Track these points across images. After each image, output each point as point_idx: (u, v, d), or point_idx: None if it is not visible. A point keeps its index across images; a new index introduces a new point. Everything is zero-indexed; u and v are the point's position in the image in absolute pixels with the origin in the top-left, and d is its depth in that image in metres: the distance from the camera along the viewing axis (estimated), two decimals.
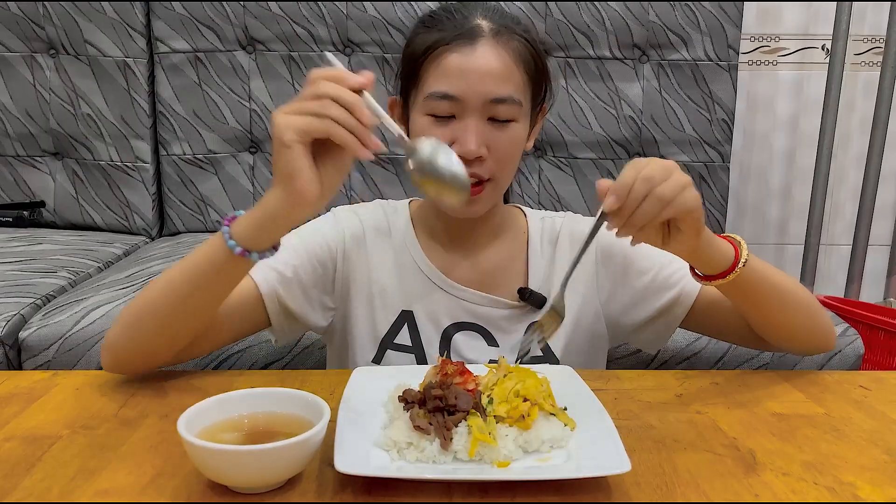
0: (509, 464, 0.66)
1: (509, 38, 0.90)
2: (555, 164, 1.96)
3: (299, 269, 0.94)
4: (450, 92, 0.88)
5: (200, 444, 0.60)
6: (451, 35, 0.89)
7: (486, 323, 0.98)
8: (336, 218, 1.01)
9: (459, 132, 0.88)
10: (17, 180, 1.96)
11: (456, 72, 0.88)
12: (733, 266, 0.82)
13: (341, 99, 0.68)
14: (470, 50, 0.88)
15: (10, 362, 1.26)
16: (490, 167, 0.90)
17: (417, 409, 0.69)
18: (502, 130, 0.90)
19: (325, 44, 1.91)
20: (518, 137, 0.92)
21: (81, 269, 1.59)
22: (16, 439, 0.71)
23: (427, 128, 0.90)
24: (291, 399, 0.68)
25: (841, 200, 2.27)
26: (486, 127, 0.89)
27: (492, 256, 1.01)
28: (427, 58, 0.90)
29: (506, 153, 0.91)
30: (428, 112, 0.90)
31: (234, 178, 1.95)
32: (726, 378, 0.90)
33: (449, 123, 0.89)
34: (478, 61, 0.88)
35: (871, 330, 1.78)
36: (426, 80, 0.90)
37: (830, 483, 0.65)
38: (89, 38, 1.89)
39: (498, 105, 0.88)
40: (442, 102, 0.88)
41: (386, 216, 1.03)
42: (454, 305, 0.98)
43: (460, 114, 0.89)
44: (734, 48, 1.94)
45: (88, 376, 0.86)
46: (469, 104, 0.88)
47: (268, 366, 1.28)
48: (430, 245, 1.01)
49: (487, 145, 0.89)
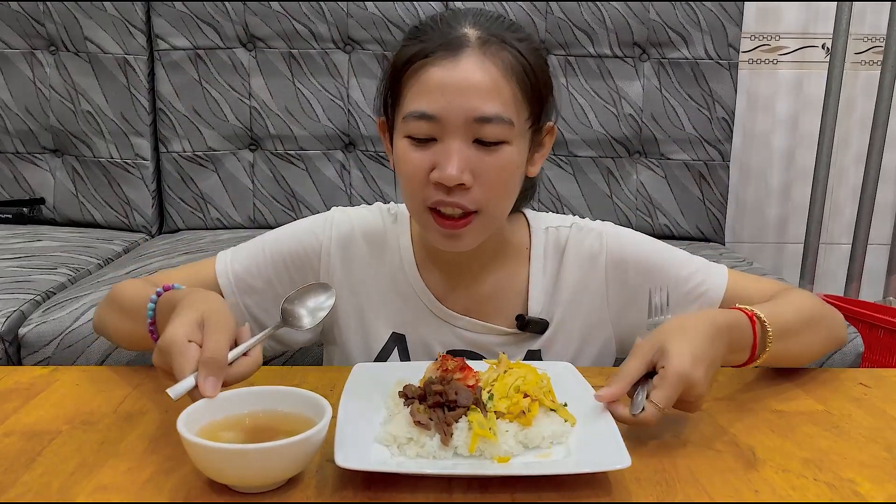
0: (509, 459, 0.66)
1: (499, 49, 0.80)
2: (555, 163, 1.96)
3: (273, 277, 0.93)
4: (428, 111, 0.78)
5: (199, 443, 0.59)
6: (432, 46, 0.79)
7: (481, 350, 0.94)
8: (327, 221, 0.96)
9: (440, 156, 0.79)
10: (16, 177, 1.96)
11: (435, 88, 0.78)
12: (753, 352, 0.81)
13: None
14: (452, 63, 0.78)
15: (9, 358, 1.27)
16: (476, 197, 0.81)
17: (418, 405, 0.69)
18: (490, 154, 0.80)
19: (325, 41, 1.90)
20: (510, 162, 0.81)
21: (81, 265, 1.59)
22: (15, 434, 0.71)
23: (406, 151, 0.81)
24: (293, 397, 0.67)
25: (841, 199, 2.27)
26: (471, 150, 0.80)
27: (490, 281, 0.95)
28: (406, 72, 0.81)
29: (495, 180, 0.81)
30: (407, 134, 0.81)
31: (233, 176, 1.95)
32: (726, 375, 0.90)
33: (429, 147, 0.80)
34: (460, 75, 0.78)
35: (870, 329, 1.78)
36: (405, 97, 0.81)
37: (830, 479, 0.65)
38: (89, 35, 1.88)
39: (484, 125, 0.78)
40: (420, 123, 0.79)
41: (384, 224, 0.97)
42: (448, 333, 0.94)
43: (441, 135, 0.79)
44: (734, 47, 1.94)
45: (88, 372, 0.86)
46: (450, 124, 0.78)
47: (267, 363, 1.28)
48: (427, 266, 0.95)
49: (473, 171, 0.79)
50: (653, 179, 1.98)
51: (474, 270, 0.95)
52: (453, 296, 0.95)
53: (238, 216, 1.96)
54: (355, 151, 1.95)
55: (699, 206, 1.99)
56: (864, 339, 1.37)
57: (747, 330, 0.80)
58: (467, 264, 0.94)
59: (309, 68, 1.91)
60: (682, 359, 0.70)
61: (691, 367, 0.70)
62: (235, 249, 0.96)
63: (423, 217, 0.85)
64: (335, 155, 1.95)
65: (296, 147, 1.94)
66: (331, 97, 1.92)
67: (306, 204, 1.95)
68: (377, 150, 1.95)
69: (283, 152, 1.94)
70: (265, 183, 1.95)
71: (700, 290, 0.93)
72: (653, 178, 1.98)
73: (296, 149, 1.94)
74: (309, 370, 0.89)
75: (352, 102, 1.92)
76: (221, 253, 0.95)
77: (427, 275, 0.95)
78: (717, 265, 0.96)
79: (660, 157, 1.97)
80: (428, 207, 0.83)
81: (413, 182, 0.82)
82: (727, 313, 0.80)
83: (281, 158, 1.94)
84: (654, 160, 1.98)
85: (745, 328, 0.80)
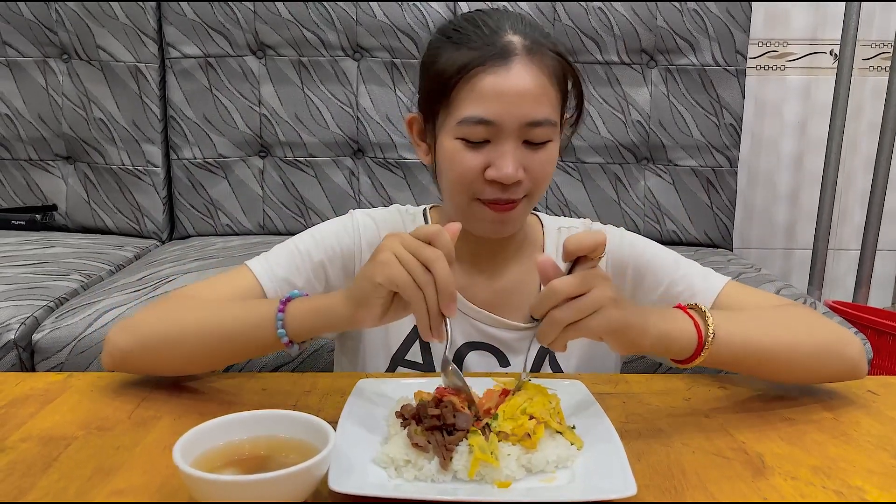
0: (511, 484, 0.64)
1: (542, 56, 0.86)
2: (563, 169, 1.97)
3: (312, 278, 0.93)
4: (486, 117, 0.84)
5: (193, 474, 0.56)
6: (484, 55, 0.84)
7: (498, 343, 0.97)
8: (354, 223, 0.98)
9: (496, 157, 0.85)
10: (29, 184, 1.98)
11: (491, 95, 0.83)
12: (698, 351, 0.76)
13: (442, 284, 0.68)
14: (504, 71, 0.83)
15: (23, 364, 1.28)
16: (526, 187, 0.88)
17: (415, 426, 0.67)
18: (538, 152, 0.87)
19: (334, 49, 1.92)
20: (553, 156, 0.89)
21: (93, 272, 1.61)
22: (32, 440, 0.72)
23: (459, 152, 0.86)
24: (295, 422, 0.64)
25: (849, 205, 2.27)
26: (522, 150, 0.86)
27: (508, 277, 0.98)
28: (460, 79, 0.85)
29: (541, 173, 0.88)
30: (460, 136, 0.86)
31: (243, 182, 1.96)
32: (735, 382, 0.90)
33: (483, 148, 0.86)
34: (513, 82, 0.83)
35: (879, 335, 1.78)
36: (459, 103, 0.85)
37: (839, 487, 0.66)
38: (101, 43, 1.91)
39: (535, 128, 0.85)
40: (477, 128, 0.84)
41: (403, 223, 1.00)
42: (467, 325, 0.96)
43: (495, 138, 0.85)
44: (742, 53, 1.95)
45: (102, 378, 0.87)
46: (505, 128, 0.84)
47: (277, 369, 1.29)
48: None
49: (524, 167, 0.86)
50: (661, 185, 1.98)
51: (492, 267, 0.98)
52: (474, 290, 0.97)
53: (248, 222, 1.97)
54: (364, 158, 1.97)
55: (707, 212, 1.99)
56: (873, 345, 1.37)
57: (685, 328, 0.77)
58: (488, 259, 0.97)
59: (318, 76, 1.93)
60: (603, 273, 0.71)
61: (606, 279, 0.70)
62: (266, 256, 0.94)
63: (472, 207, 0.90)
64: (344, 161, 1.96)
65: (305, 154, 1.95)
66: (340, 104, 1.93)
67: (315, 210, 1.97)
68: (386, 156, 1.96)
69: (292, 159, 1.95)
70: (275, 189, 1.96)
71: (689, 293, 0.93)
72: (661, 185, 1.98)
73: (305, 155, 1.95)
74: (320, 376, 0.90)
75: (361, 109, 1.94)
76: (250, 262, 0.94)
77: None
78: (718, 275, 0.96)
79: (667, 163, 1.98)
80: (476, 199, 0.89)
81: (465, 179, 0.87)
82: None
83: (290, 165, 1.95)
84: (661, 166, 1.98)
85: (681, 327, 0.77)
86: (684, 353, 0.77)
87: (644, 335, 0.73)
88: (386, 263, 0.69)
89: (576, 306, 0.68)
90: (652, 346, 0.75)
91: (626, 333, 0.71)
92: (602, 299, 0.69)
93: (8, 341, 1.27)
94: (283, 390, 0.84)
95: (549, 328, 0.69)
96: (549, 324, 0.69)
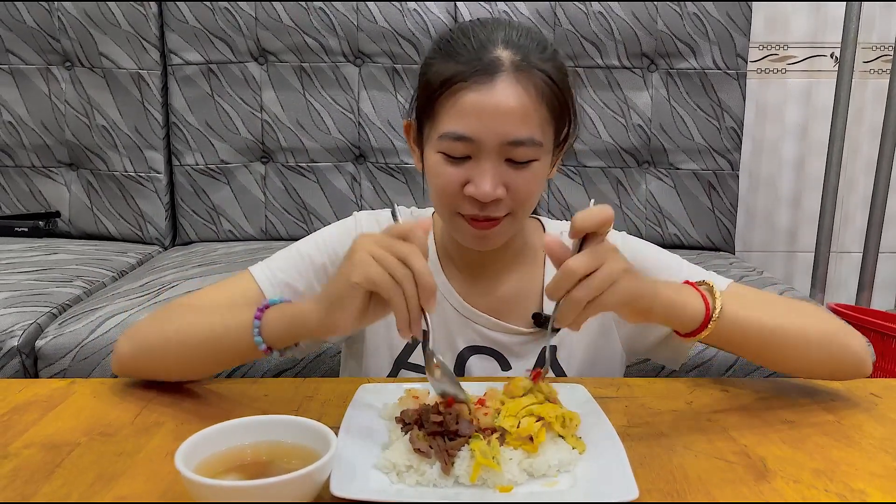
0: (512, 489, 0.64)
1: (530, 74, 0.83)
2: (564, 173, 1.97)
3: (314, 281, 0.94)
4: (465, 133, 0.82)
5: (195, 480, 0.56)
6: (469, 70, 0.82)
7: (500, 347, 0.97)
8: (357, 224, 0.98)
9: (475, 174, 0.83)
10: (32, 191, 1.99)
11: (472, 112, 0.82)
12: (705, 323, 0.78)
13: (421, 278, 0.67)
14: (488, 88, 0.81)
15: (26, 371, 1.28)
16: (508, 205, 0.86)
17: (417, 431, 0.67)
18: (521, 171, 0.84)
19: (336, 55, 1.93)
20: (539, 176, 0.87)
21: (96, 278, 1.61)
22: (35, 446, 0.72)
23: (440, 165, 0.85)
24: (297, 428, 0.65)
25: (851, 208, 2.27)
26: (504, 168, 0.84)
27: (509, 282, 0.98)
28: (443, 93, 0.84)
29: (525, 192, 0.86)
30: (442, 150, 0.85)
31: (245, 188, 1.97)
32: (737, 386, 0.90)
33: (463, 164, 0.84)
34: (496, 100, 0.81)
35: (882, 338, 1.78)
36: (441, 116, 0.84)
37: (841, 490, 0.65)
38: (104, 50, 1.91)
39: (516, 147, 0.83)
40: (457, 144, 0.83)
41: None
42: (469, 329, 0.97)
43: (476, 154, 0.83)
44: (742, 56, 1.95)
45: (105, 384, 0.88)
46: (485, 146, 0.82)
47: (280, 374, 1.30)
48: (449, 266, 0.98)
49: (505, 185, 0.84)
50: (662, 189, 1.98)
51: (494, 272, 0.98)
52: (475, 295, 0.97)
53: (250, 228, 1.98)
54: (366, 163, 1.97)
55: (709, 215, 1.99)
56: (876, 348, 1.37)
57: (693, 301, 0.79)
58: (488, 265, 0.98)
59: (320, 82, 1.93)
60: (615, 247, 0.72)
61: (615, 251, 0.71)
62: (268, 262, 0.95)
63: (455, 221, 0.89)
64: (346, 167, 1.97)
65: (307, 159, 1.96)
66: (341, 110, 1.94)
67: (317, 216, 1.97)
68: (388, 161, 1.96)
69: (294, 165, 1.96)
70: (277, 195, 1.97)
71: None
72: (662, 188, 1.98)
73: (307, 161, 1.96)
74: (323, 381, 0.90)
75: (362, 115, 1.94)
76: (252, 268, 0.94)
77: (450, 273, 0.98)
78: (721, 277, 0.96)
79: (669, 166, 1.98)
80: (458, 213, 0.88)
81: (446, 193, 0.87)
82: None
83: (292, 171, 1.96)
84: (663, 170, 1.98)
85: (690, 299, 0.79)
86: (692, 324, 0.78)
87: (654, 302, 0.75)
88: (361, 262, 0.68)
89: (593, 284, 0.68)
90: (662, 314, 0.76)
91: (639, 302, 0.73)
92: (616, 272, 0.69)
93: (11, 348, 1.27)
94: (285, 396, 0.84)
95: (570, 309, 0.69)
96: (568, 304, 0.69)
